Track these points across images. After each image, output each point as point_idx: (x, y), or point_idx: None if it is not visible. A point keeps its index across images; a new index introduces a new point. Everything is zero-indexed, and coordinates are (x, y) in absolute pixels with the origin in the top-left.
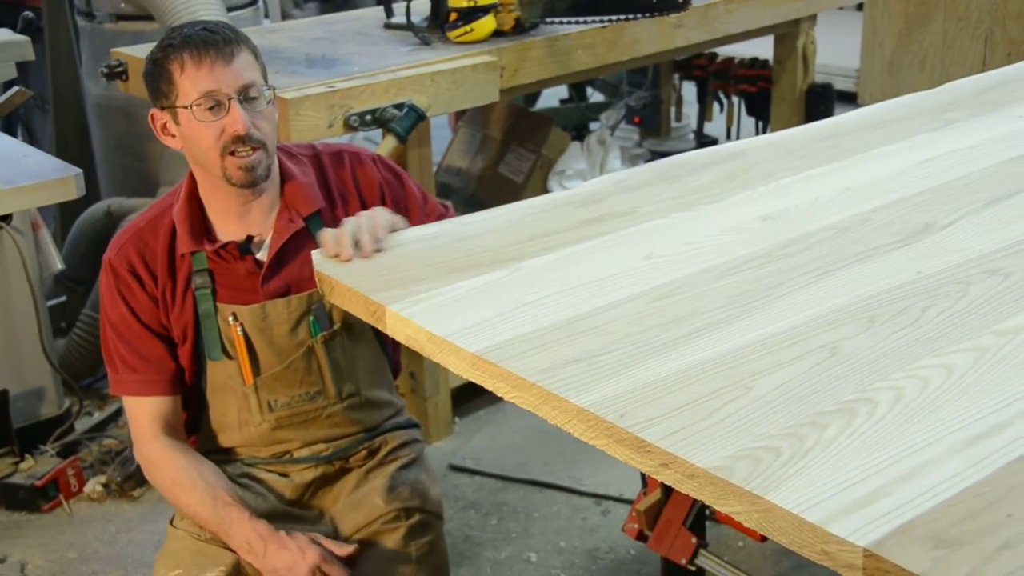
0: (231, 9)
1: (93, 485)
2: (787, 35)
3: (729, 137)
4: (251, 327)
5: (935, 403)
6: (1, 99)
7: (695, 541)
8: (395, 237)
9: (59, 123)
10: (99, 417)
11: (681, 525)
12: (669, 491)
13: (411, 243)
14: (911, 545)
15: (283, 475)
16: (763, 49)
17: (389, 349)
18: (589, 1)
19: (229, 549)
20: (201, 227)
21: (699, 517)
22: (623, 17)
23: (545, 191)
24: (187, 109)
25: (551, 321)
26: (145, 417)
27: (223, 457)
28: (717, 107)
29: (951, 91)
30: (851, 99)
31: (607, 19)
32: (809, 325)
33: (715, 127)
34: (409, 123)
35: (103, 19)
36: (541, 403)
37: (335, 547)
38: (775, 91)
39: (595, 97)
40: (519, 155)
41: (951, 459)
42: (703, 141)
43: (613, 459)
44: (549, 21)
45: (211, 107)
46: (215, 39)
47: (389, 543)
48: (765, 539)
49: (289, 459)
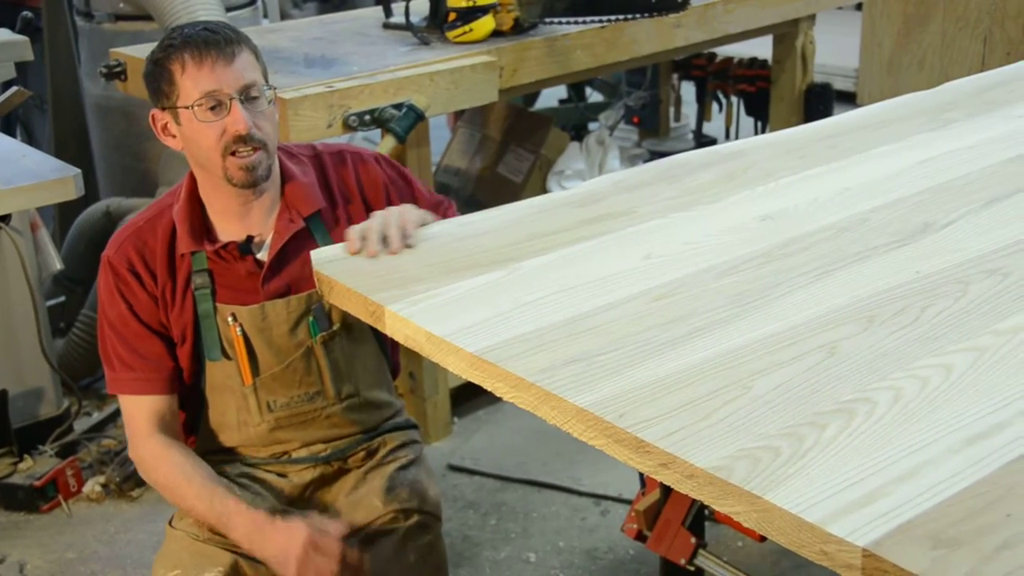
0: (230, 9)
1: (92, 485)
2: (786, 35)
3: (728, 137)
4: (250, 327)
5: (934, 403)
6: (0, 99)
7: (694, 541)
8: (418, 233)
9: (58, 123)
10: (98, 417)
11: (680, 525)
12: (668, 491)
13: None
14: (910, 545)
15: (282, 475)
16: (762, 49)
17: (388, 349)
18: (588, 1)
19: (227, 549)
20: (201, 227)
21: (698, 517)
22: (622, 17)
23: (544, 191)
24: (188, 109)
25: (550, 321)
26: (141, 416)
27: (222, 457)
28: (716, 107)
29: (950, 91)
30: (850, 99)
31: (606, 19)
32: (808, 325)
33: (714, 127)
34: (408, 123)
35: (102, 19)
36: (540, 403)
37: (326, 523)
38: (774, 91)
39: (594, 97)
40: (518, 155)
41: (950, 459)
42: (702, 141)
43: (612, 459)
44: (548, 21)
45: (212, 107)
46: (216, 39)
47: (388, 544)
48: (764, 539)
49: (288, 459)
